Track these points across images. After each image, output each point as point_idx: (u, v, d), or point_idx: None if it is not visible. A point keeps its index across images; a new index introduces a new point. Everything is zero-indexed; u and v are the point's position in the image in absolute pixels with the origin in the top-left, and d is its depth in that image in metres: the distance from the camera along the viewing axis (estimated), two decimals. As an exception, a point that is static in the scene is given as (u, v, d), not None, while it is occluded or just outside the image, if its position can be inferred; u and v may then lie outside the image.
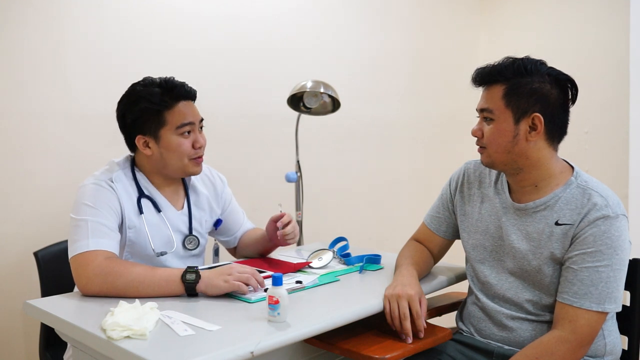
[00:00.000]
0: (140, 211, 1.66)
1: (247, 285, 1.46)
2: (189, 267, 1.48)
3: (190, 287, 1.45)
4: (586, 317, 1.34)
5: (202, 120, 1.73)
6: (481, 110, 1.49)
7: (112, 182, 1.62)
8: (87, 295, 1.49)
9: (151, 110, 1.63)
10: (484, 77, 1.48)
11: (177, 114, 1.65)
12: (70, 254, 1.52)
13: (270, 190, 2.63)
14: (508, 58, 1.46)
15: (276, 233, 1.80)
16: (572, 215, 1.40)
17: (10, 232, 2.06)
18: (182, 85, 1.68)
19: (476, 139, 1.51)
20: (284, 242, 1.81)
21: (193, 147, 1.68)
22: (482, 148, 1.51)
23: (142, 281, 1.45)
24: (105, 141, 2.15)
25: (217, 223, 1.88)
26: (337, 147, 2.95)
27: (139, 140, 1.66)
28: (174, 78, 1.69)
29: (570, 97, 1.45)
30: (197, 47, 2.45)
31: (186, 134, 1.66)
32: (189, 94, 1.70)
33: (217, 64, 2.51)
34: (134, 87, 1.68)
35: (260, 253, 1.92)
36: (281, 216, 1.80)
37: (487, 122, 1.47)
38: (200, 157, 1.71)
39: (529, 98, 1.41)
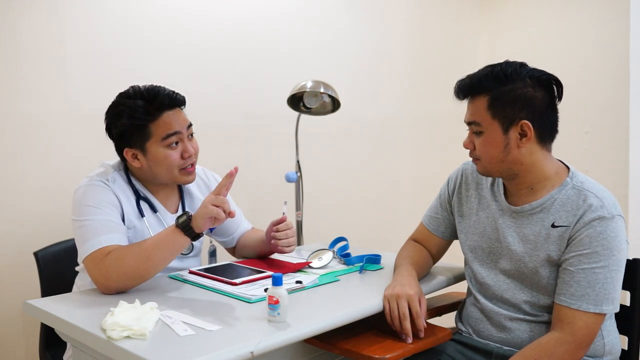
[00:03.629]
0: (142, 214, 1.66)
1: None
2: (177, 217, 1.52)
3: (186, 227, 1.48)
4: (584, 318, 1.34)
5: (190, 126, 1.67)
6: (469, 124, 1.48)
7: (109, 182, 1.63)
8: (109, 293, 1.49)
9: (134, 124, 1.60)
10: (465, 89, 1.46)
11: (161, 125, 1.60)
12: (83, 255, 1.51)
13: (270, 190, 2.63)
14: (487, 66, 1.45)
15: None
16: (567, 217, 1.40)
17: (10, 232, 2.06)
18: (166, 94, 1.62)
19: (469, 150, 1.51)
20: (277, 247, 1.78)
21: (182, 157, 1.64)
22: (476, 159, 1.50)
23: (148, 248, 1.48)
24: (105, 141, 2.15)
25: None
26: (337, 147, 2.95)
27: (127, 153, 1.64)
28: (158, 87, 1.64)
29: (556, 95, 1.44)
30: (196, 47, 2.45)
31: (173, 144, 1.62)
32: (174, 102, 1.63)
33: (217, 64, 2.51)
34: (118, 99, 1.64)
35: (258, 255, 1.92)
36: (281, 220, 1.78)
37: (477, 134, 1.46)
38: (192, 165, 1.68)
39: (514, 106, 1.39)
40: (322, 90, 2.15)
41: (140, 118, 1.59)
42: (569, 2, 3.06)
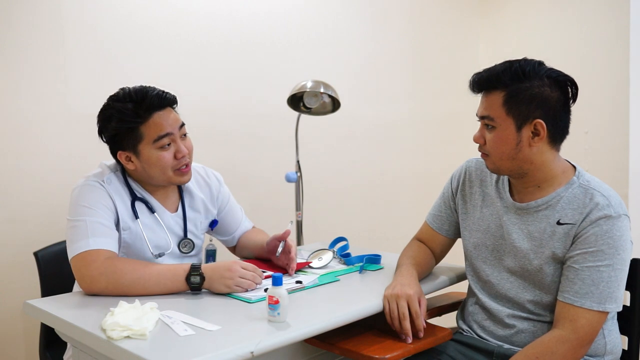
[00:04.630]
0: (136, 216, 1.65)
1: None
2: (192, 267, 1.51)
3: (195, 289, 1.50)
4: (587, 316, 1.34)
5: (182, 125, 1.65)
6: (482, 117, 1.47)
7: (104, 182, 1.62)
8: (90, 294, 1.49)
9: (124, 128, 1.59)
10: (482, 83, 1.45)
11: (152, 126, 1.59)
12: (71, 254, 1.52)
13: (270, 190, 2.63)
14: (505, 62, 1.44)
15: (275, 251, 1.75)
16: (574, 215, 1.40)
17: (10, 232, 2.06)
18: (155, 94, 1.60)
19: (478, 144, 1.50)
20: (280, 263, 1.76)
21: (175, 157, 1.63)
22: (485, 155, 1.50)
23: (148, 279, 1.48)
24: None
25: (213, 224, 1.87)
26: (337, 147, 2.95)
27: (121, 156, 1.63)
28: (147, 87, 1.62)
29: (570, 96, 1.44)
30: (196, 46, 2.45)
31: (166, 146, 1.61)
32: (164, 102, 1.61)
33: (217, 64, 2.51)
34: (107, 102, 1.63)
35: (256, 257, 1.91)
36: (284, 236, 1.74)
37: (489, 129, 1.46)
38: (186, 165, 1.66)
39: (530, 104, 1.39)
40: (322, 90, 2.15)
41: (129, 121, 1.58)
42: (569, 3, 3.06)
